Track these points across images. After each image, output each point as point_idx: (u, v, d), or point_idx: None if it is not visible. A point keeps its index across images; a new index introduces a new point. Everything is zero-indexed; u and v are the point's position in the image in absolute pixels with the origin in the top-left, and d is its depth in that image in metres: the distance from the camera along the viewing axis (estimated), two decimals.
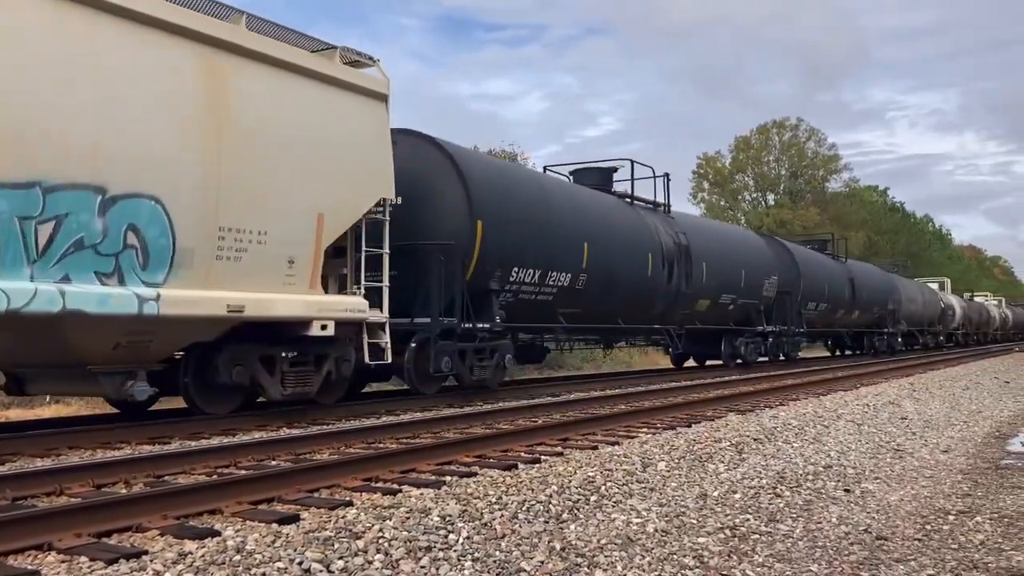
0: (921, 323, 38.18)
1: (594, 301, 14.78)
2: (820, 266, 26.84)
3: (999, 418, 12.02)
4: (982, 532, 5.41)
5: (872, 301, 30.56)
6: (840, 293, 27.57)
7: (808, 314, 24.94)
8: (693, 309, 18.46)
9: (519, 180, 14.14)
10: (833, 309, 27.14)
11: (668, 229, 17.62)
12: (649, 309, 16.86)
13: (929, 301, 39.78)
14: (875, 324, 31.84)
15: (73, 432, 8.02)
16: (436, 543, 4.32)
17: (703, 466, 6.85)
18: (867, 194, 69.36)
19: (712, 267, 18.84)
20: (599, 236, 14.81)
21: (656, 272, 16.64)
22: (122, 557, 3.85)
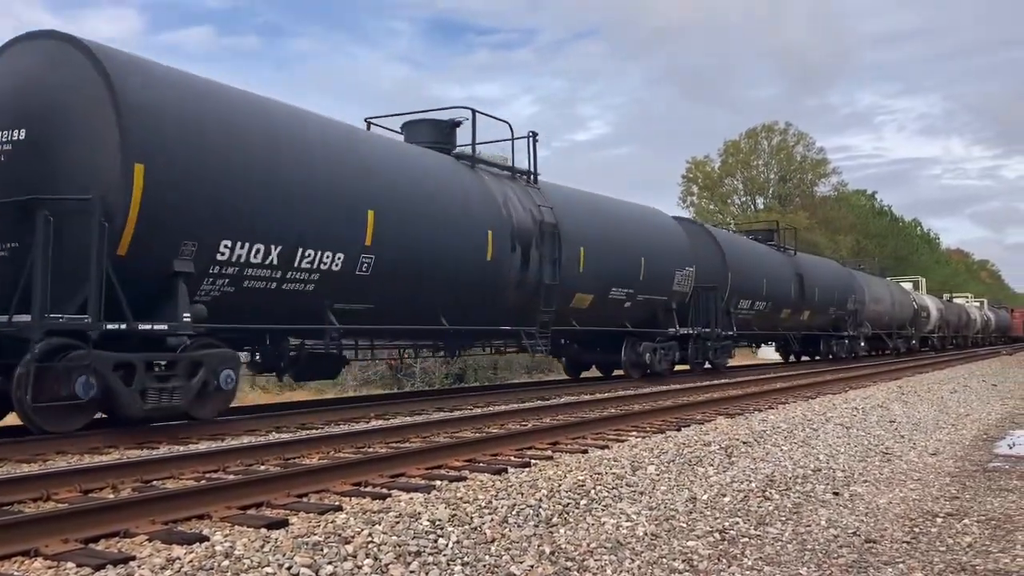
0: (890, 326, 34.98)
1: (390, 293, 10.99)
2: (756, 258, 23.10)
3: (987, 421, 12.07)
4: (970, 534, 5.43)
5: (827, 300, 27.42)
6: (784, 290, 24.09)
7: (741, 314, 21.38)
8: (568, 306, 14.67)
9: (233, 111, 9.37)
10: (775, 308, 23.62)
11: (527, 202, 13.76)
12: (494, 305, 13.00)
13: (900, 302, 36.68)
14: (832, 326, 28.72)
15: (60, 437, 7.97)
16: (426, 548, 4.31)
17: (692, 469, 6.86)
18: (855, 198, 69.69)
19: (595, 253, 14.95)
20: (397, 204, 10.92)
21: (501, 256, 12.80)
22: (109, 563, 3.83)
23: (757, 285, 22.00)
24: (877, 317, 32.66)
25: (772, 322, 24.09)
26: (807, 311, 26.01)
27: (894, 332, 35.90)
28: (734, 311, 20.62)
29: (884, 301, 33.91)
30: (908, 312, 37.98)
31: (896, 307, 35.74)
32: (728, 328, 20.05)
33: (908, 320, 37.99)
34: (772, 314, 23.53)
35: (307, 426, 9.51)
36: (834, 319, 28.52)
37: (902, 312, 36.87)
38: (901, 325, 37.12)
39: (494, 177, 13.63)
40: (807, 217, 56.07)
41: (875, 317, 32.37)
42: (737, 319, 20.82)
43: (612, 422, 9.44)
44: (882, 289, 34.68)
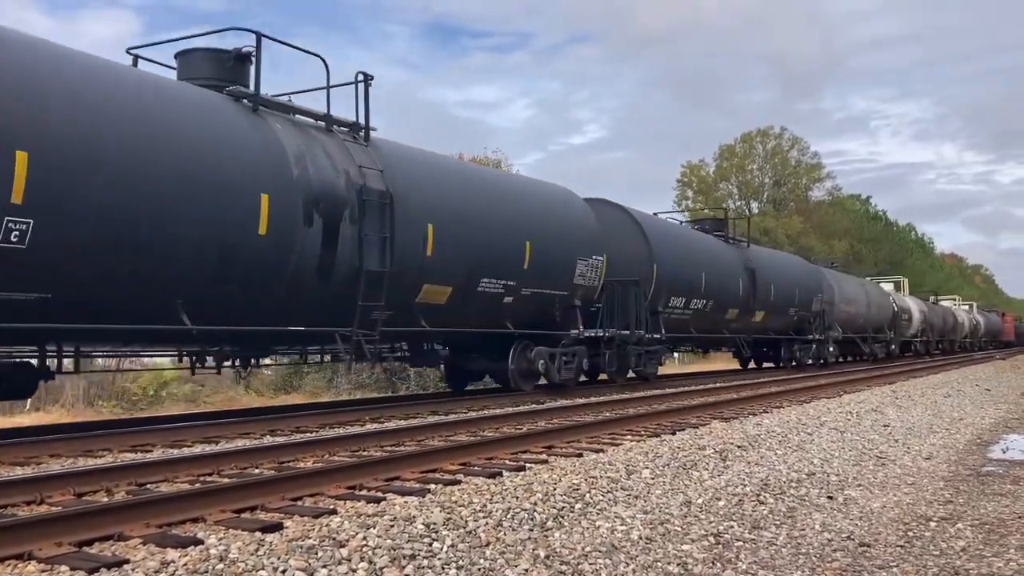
0: (864, 329, 31.76)
1: (74, 277, 7.78)
2: (692, 248, 19.75)
3: (980, 425, 12.10)
4: (963, 539, 5.44)
5: (786, 299, 23.89)
6: (731, 286, 20.66)
7: (674, 314, 18.27)
8: (415, 300, 11.44)
9: None
10: (719, 308, 20.13)
11: (344, 162, 10.41)
12: (281, 298, 9.70)
13: (877, 303, 33.51)
14: (794, 329, 25.39)
15: (54, 440, 7.96)
16: (420, 551, 4.31)
17: (687, 473, 6.87)
18: (850, 203, 69.86)
19: (451, 233, 11.74)
20: (78, 148, 7.59)
21: (287, 232, 9.46)
22: (103, 566, 3.82)
23: (693, 280, 18.71)
24: (850, 319, 29.67)
25: (715, 324, 20.50)
26: (760, 311, 22.42)
27: (870, 336, 32.81)
28: (663, 310, 17.57)
29: (858, 302, 31.01)
30: (887, 314, 34.98)
31: (873, 308, 32.67)
32: (655, 330, 17.04)
33: (887, 323, 34.94)
34: (714, 314, 20.02)
35: (302, 429, 9.50)
36: (796, 321, 25.22)
37: (880, 314, 33.90)
38: (879, 328, 34.04)
39: (292, 126, 10.13)
40: (801, 222, 56.21)
41: (848, 319, 29.28)
42: (668, 320, 17.81)
43: (607, 426, 9.45)
44: (855, 289, 31.65)
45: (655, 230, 18.24)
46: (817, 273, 27.74)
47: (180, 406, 18.49)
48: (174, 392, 19.78)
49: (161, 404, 18.80)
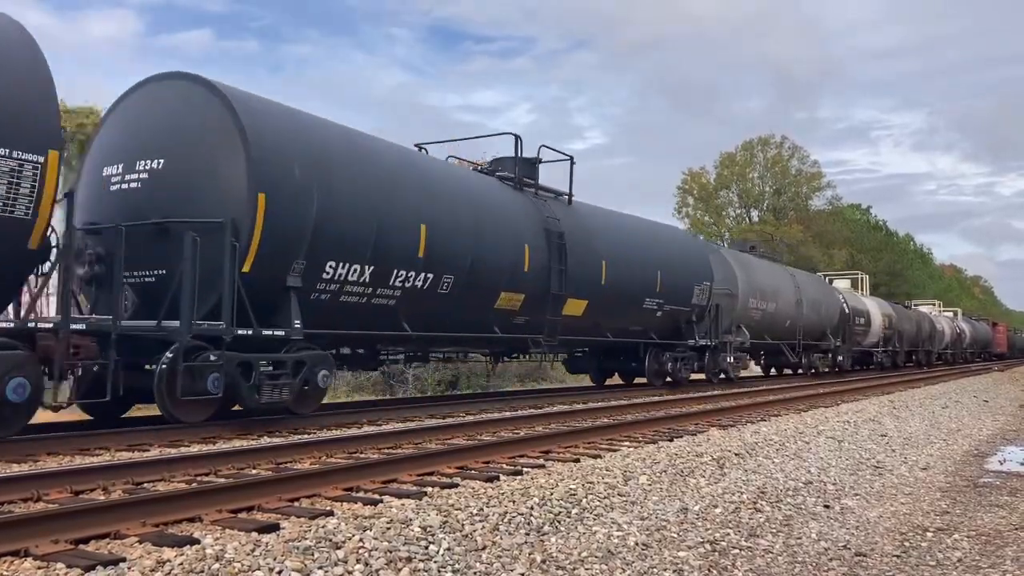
0: (793, 334, 24.49)
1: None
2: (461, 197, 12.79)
3: (978, 436, 12.11)
4: (960, 549, 5.45)
5: (634, 285, 16.67)
6: (513, 259, 13.37)
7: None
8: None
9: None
10: (478, 288, 12.68)
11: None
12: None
13: (816, 301, 26.62)
14: (663, 330, 18.13)
15: (51, 438, 7.96)
16: (417, 554, 4.31)
17: (684, 480, 6.86)
18: (850, 212, 69.88)
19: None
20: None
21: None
22: (100, 564, 3.82)
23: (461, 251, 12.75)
24: (768, 321, 22.83)
25: (478, 314, 13.41)
26: (578, 300, 14.88)
27: (801, 343, 25.15)
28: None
29: (781, 298, 23.68)
30: (831, 316, 28.09)
31: (807, 308, 25.63)
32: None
33: (832, 327, 28.13)
34: (474, 298, 13.27)
35: (299, 431, 9.49)
36: (661, 319, 17.85)
37: (822, 316, 27.09)
38: (819, 334, 27.16)
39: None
40: (801, 231, 56.21)
41: (764, 320, 22.53)
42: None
43: (604, 431, 9.44)
44: (777, 280, 24.09)
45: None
46: (701, 252, 20.34)
47: None
48: None
49: None
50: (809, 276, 29.67)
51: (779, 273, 25.26)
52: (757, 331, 22.34)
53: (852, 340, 30.66)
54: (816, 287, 28.27)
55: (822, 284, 30.59)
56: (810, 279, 28.80)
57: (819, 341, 27.42)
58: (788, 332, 24.59)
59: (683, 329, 18.95)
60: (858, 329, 31.83)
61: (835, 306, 28.99)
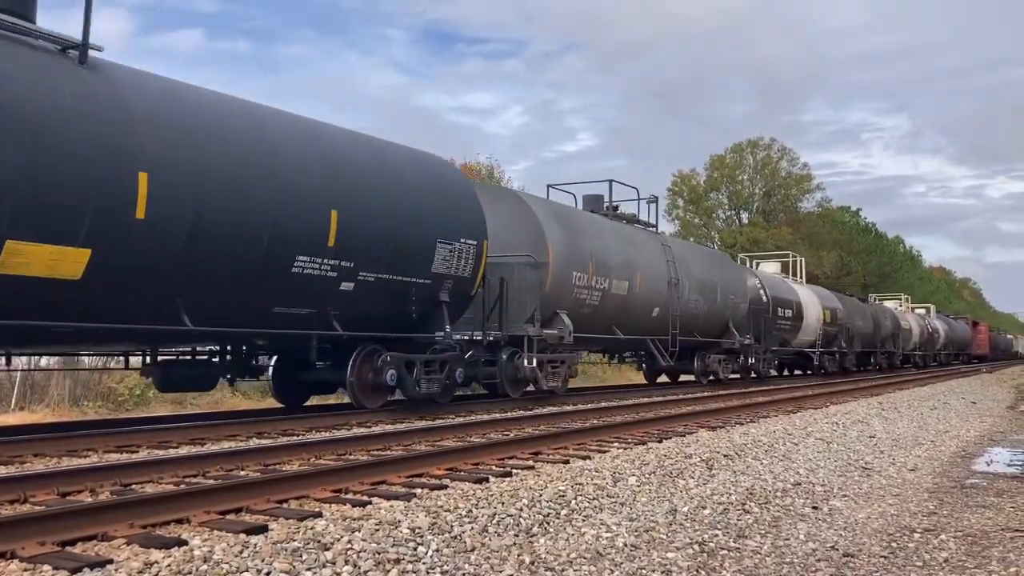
0: (662, 328, 17.88)
1: None
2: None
3: (965, 438, 12.17)
4: (946, 550, 5.47)
5: (380, 249, 10.80)
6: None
7: None
8: None
9: None
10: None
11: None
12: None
13: (710, 284, 19.92)
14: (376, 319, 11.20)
15: (38, 439, 7.92)
16: (405, 555, 4.30)
17: (673, 481, 6.88)
18: (839, 214, 70.11)
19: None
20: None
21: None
22: (87, 566, 3.80)
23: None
24: (615, 307, 16.20)
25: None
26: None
27: (679, 339, 18.35)
28: None
29: (643, 275, 17.05)
30: (737, 306, 21.31)
31: (694, 292, 18.97)
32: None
33: (739, 320, 21.34)
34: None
35: (288, 432, 9.47)
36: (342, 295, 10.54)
37: (716, 304, 20.21)
38: (718, 329, 20.70)
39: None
40: (791, 233, 56.36)
41: (606, 307, 15.86)
42: None
43: (594, 433, 9.45)
44: (638, 252, 17.28)
45: None
46: (461, 189, 12.88)
47: (166, 407, 18.41)
48: (161, 393, 19.63)
49: (147, 405, 18.71)
50: (699, 250, 22.33)
51: (642, 242, 17.86)
52: (594, 321, 15.49)
53: (774, 338, 23.93)
54: (709, 265, 20.69)
55: (722, 263, 22.20)
56: (699, 254, 21.29)
57: (721, 338, 20.89)
58: (655, 325, 17.68)
59: (414, 314, 11.64)
60: (784, 324, 24.86)
61: (743, 293, 21.99)
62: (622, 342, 17.59)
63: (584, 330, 15.32)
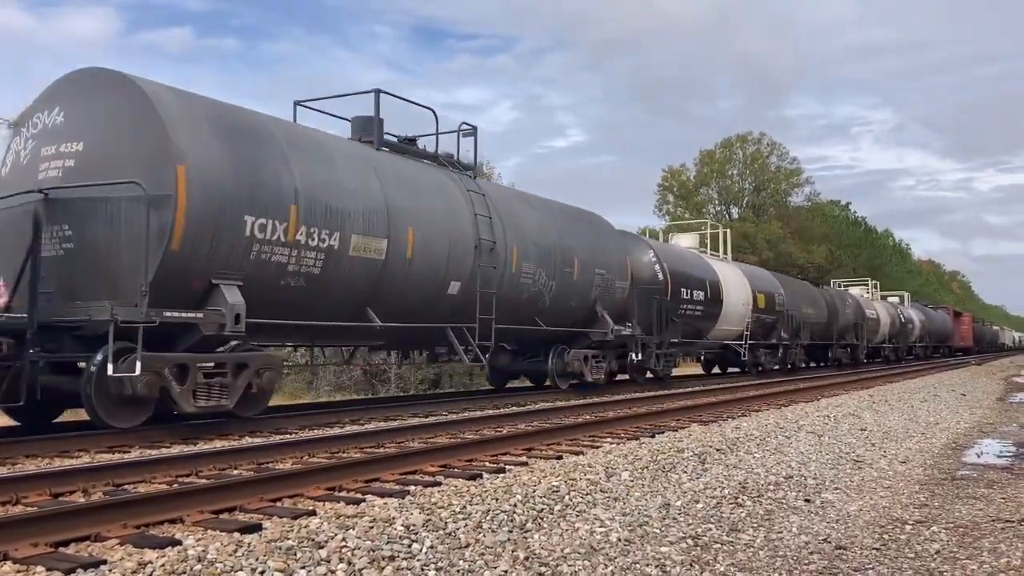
0: (466, 313, 12.66)
1: None
2: None
3: (956, 430, 12.23)
4: (938, 541, 5.50)
5: None
6: None
7: None
8: None
9: None
10: None
11: None
12: None
13: (548, 250, 14.48)
14: None
15: (30, 440, 7.88)
16: (400, 552, 4.31)
17: (666, 476, 6.90)
18: (829, 209, 70.34)
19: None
20: None
21: None
22: (80, 567, 3.80)
23: None
24: (365, 282, 10.90)
25: None
26: None
27: (488, 321, 12.94)
28: None
29: (429, 233, 11.92)
30: (611, 285, 16.30)
31: (522, 265, 13.81)
32: None
33: (611, 305, 16.36)
34: None
35: (281, 431, 9.46)
36: None
37: (569, 282, 14.99)
38: (577, 317, 15.60)
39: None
40: (780, 227, 56.52)
41: (354, 283, 10.73)
42: None
43: (587, 428, 9.47)
44: (418, 194, 12.05)
45: None
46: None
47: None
48: None
49: None
50: (545, 207, 15.38)
51: (429, 186, 12.42)
52: (313, 299, 10.27)
53: (674, 328, 18.78)
54: (562, 229, 15.14)
55: (588, 228, 16.36)
56: (544, 212, 15.11)
57: (577, 327, 15.59)
58: (454, 308, 12.47)
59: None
60: (693, 310, 19.70)
61: (623, 268, 16.85)
62: (385, 332, 11.43)
63: (289, 313, 9.99)
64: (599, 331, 16.13)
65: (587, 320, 16.10)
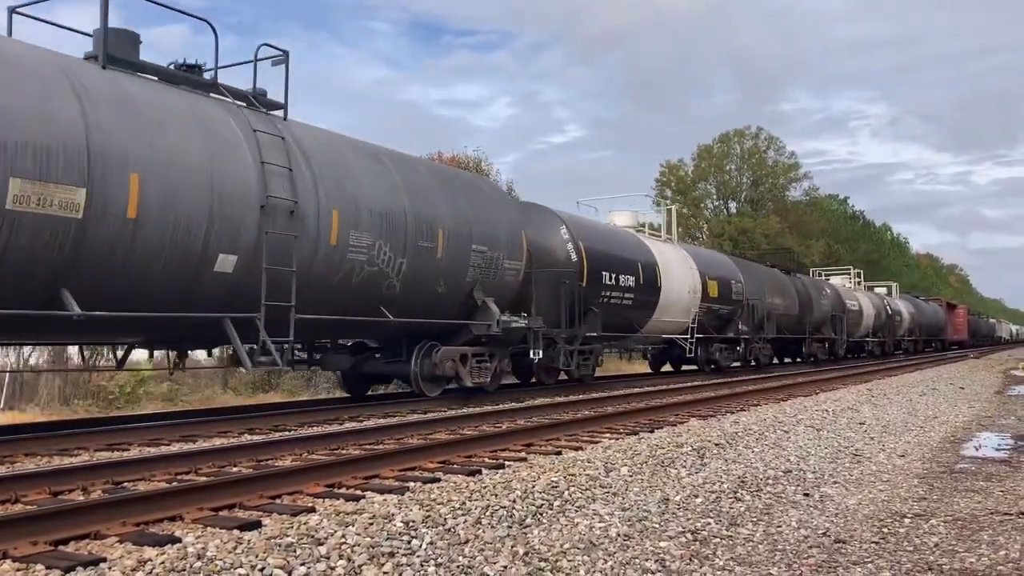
0: (248, 300, 9.13)
1: None
2: None
3: (954, 423, 12.24)
4: (937, 535, 5.51)
5: None
6: None
7: None
8: None
9: None
10: None
11: None
12: None
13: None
14: None
15: (29, 439, 7.88)
16: (399, 549, 4.31)
17: (665, 471, 6.90)
18: (827, 203, 70.33)
19: None
20: None
21: None
22: (80, 564, 3.80)
23: None
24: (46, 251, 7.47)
25: None
26: None
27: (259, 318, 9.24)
28: None
29: (172, 186, 8.39)
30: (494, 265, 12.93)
31: (348, 235, 10.32)
32: None
33: (496, 290, 12.96)
34: None
35: (280, 428, 9.46)
36: None
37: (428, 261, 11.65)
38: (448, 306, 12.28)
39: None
40: (779, 222, 56.51)
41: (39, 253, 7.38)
42: None
43: (586, 424, 9.48)
44: (158, 132, 8.43)
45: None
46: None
47: (157, 405, 18.37)
48: (151, 391, 19.63)
49: (138, 403, 18.66)
50: (395, 163, 11.91)
51: (177, 120, 8.85)
52: None
53: (594, 319, 15.68)
54: (418, 190, 11.82)
55: (463, 191, 13.01)
56: (392, 168, 11.72)
57: (451, 318, 12.46)
58: (230, 292, 9.26)
59: None
60: (621, 299, 16.70)
61: (516, 245, 13.51)
62: (97, 322, 8.20)
63: None
64: (481, 323, 12.68)
65: (466, 310, 12.72)
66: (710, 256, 23.37)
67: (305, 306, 9.72)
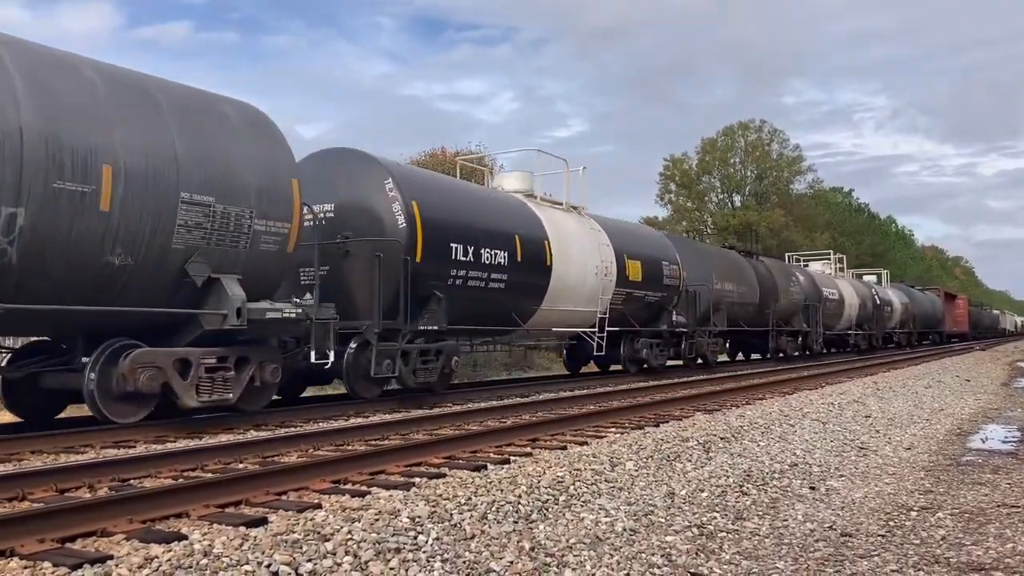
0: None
1: None
2: None
3: (960, 416, 12.22)
4: (943, 527, 5.50)
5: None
6: None
7: None
8: None
9: None
10: None
11: None
12: None
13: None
14: None
15: (35, 436, 7.90)
16: (405, 544, 4.31)
17: (671, 465, 6.90)
18: (832, 196, 70.20)
19: None
20: None
21: None
22: (87, 562, 3.80)
23: None
24: None
25: None
26: None
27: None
28: None
29: None
30: (254, 231, 9.07)
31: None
32: None
33: (251, 270, 9.14)
34: None
35: (285, 424, 9.47)
36: None
37: (89, 218, 7.61)
38: (123, 287, 8.11)
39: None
40: (783, 215, 56.40)
41: None
42: None
43: (591, 418, 9.48)
44: None
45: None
46: None
47: None
48: None
49: None
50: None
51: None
52: None
53: (431, 312, 11.80)
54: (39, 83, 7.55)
55: (158, 99, 8.60)
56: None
57: (152, 304, 8.53)
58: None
59: None
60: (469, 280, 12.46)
61: (250, 189, 9.19)
62: None
63: None
64: (213, 314, 8.91)
65: (189, 294, 8.86)
66: (635, 230, 19.07)
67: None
